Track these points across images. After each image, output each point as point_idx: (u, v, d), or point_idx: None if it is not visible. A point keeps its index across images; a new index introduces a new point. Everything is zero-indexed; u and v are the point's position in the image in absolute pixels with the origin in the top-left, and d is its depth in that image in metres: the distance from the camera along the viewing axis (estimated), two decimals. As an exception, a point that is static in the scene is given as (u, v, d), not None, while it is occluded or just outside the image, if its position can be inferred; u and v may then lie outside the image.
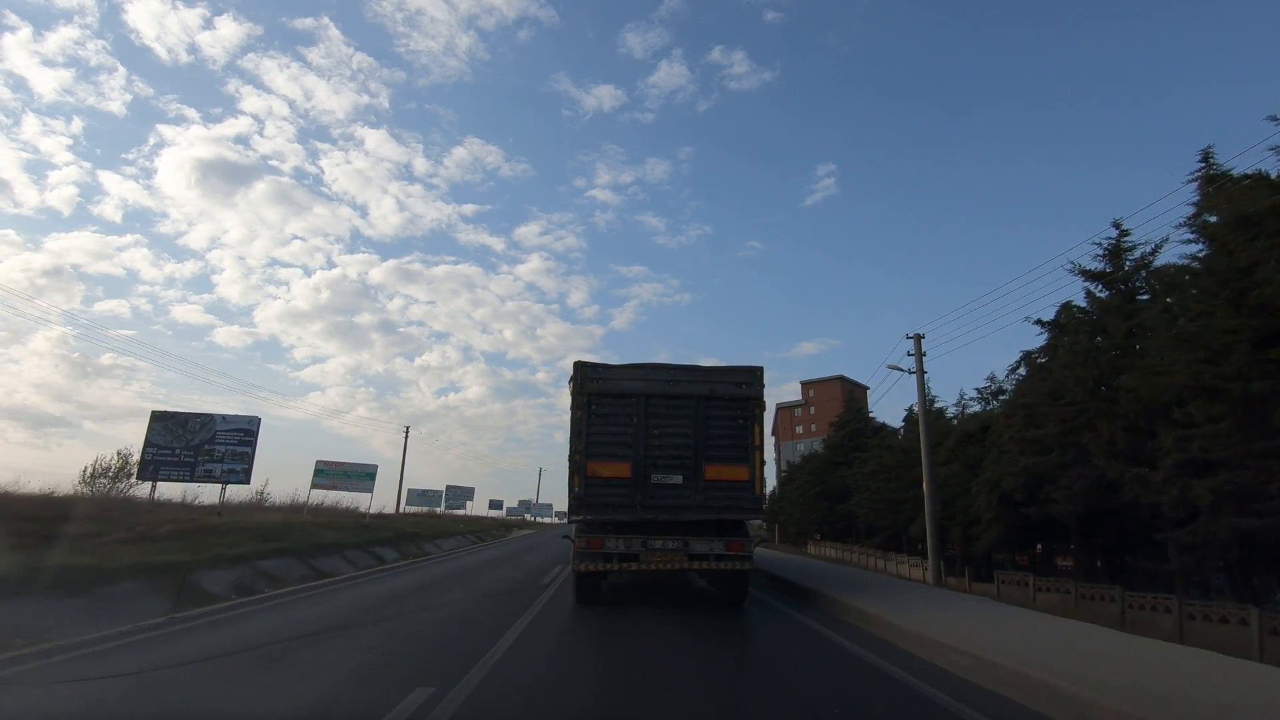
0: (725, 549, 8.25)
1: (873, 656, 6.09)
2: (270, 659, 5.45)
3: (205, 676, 4.94)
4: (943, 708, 4.50)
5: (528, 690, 4.66)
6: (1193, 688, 4.56)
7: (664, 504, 8.22)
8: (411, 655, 5.76)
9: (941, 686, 5.01)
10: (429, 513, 41.46)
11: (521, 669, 5.20)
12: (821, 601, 9.70)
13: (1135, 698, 4.11)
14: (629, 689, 5.00)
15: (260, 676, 4.90)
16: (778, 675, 5.51)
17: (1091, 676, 4.71)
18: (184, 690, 4.60)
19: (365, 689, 4.53)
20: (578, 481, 8.22)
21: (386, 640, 6.46)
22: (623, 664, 5.78)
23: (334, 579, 11.94)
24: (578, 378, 8.48)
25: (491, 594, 10.08)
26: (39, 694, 4.46)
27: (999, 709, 4.49)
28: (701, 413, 8.45)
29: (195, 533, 12.37)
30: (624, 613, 8.35)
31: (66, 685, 4.64)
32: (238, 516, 16.52)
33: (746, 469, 8.37)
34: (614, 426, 8.35)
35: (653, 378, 8.58)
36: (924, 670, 5.56)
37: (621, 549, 8.13)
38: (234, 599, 8.84)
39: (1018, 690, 4.75)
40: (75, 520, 11.11)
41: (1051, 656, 5.47)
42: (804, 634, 7.46)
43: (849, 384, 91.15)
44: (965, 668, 5.44)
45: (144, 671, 4.96)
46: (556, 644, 6.47)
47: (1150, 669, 5.18)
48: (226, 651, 5.70)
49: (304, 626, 6.99)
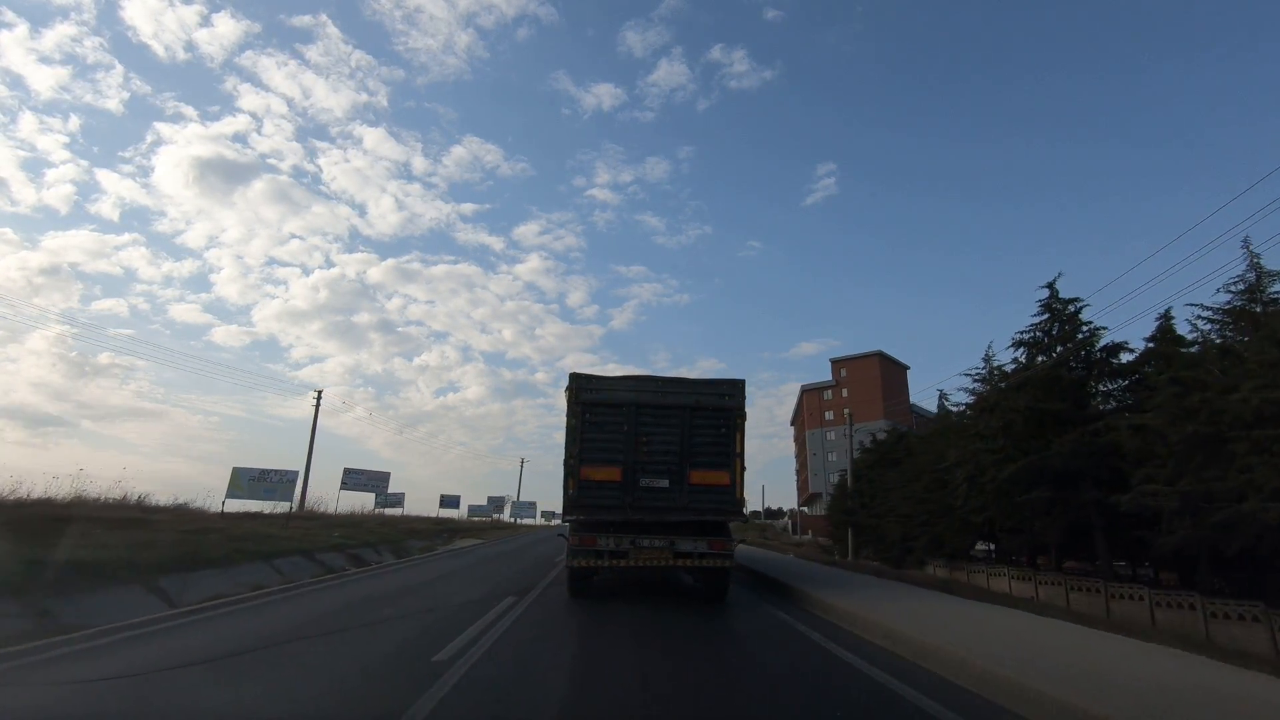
0: (708, 548, 8.79)
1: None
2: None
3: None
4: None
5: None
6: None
7: (651, 505, 8.77)
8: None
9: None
10: (351, 513, 30.21)
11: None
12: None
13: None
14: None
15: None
16: None
17: None
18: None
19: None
20: (572, 484, 8.77)
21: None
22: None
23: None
24: (573, 388, 9.01)
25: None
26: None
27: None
28: (687, 422, 8.98)
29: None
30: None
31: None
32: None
33: (728, 474, 8.92)
34: (606, 434, 8.91)
35: (643, 389, 9.09)
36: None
37: (612, 546, 8.68)
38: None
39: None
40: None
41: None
42: None
43: (887, 362, 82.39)
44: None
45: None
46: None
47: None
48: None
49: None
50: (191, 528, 13.68)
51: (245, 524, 17.33)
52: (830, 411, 79.79)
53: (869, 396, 77.56)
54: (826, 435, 77.29)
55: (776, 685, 5.07)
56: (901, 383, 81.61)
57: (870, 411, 76.38)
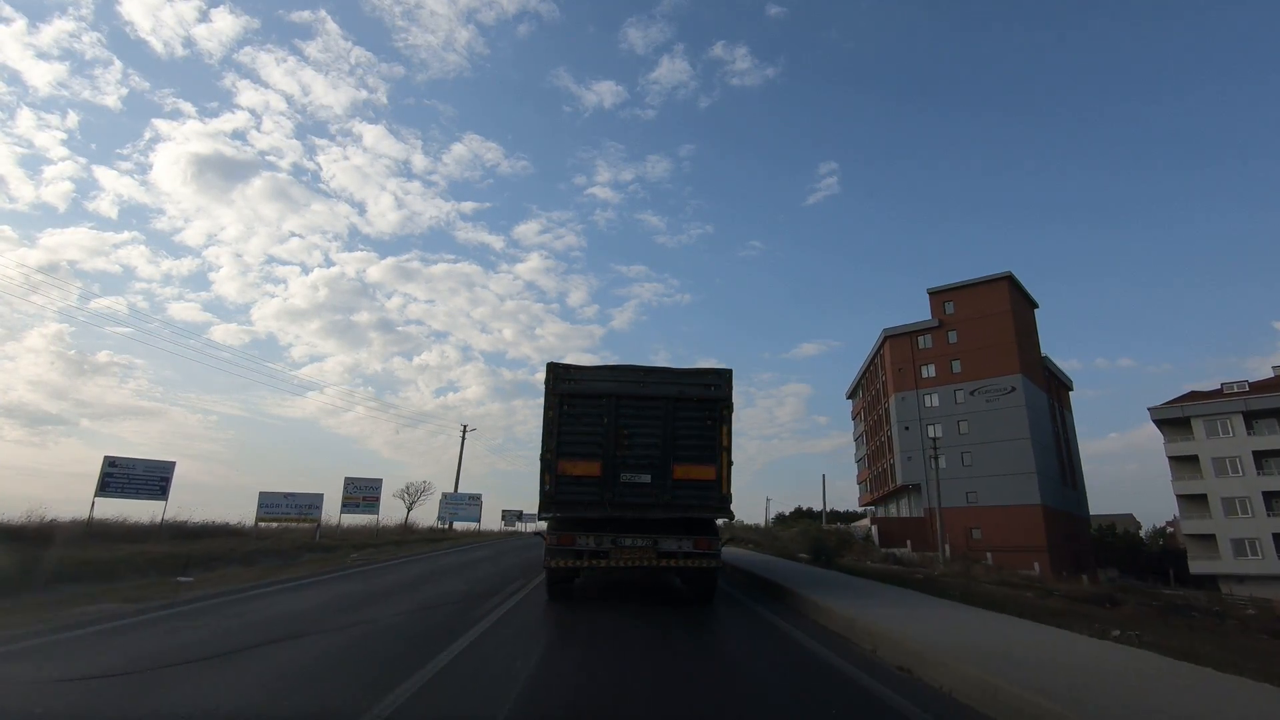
0: (693, 547, 8.52)
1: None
2: None
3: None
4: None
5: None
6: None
7: (632, 502, 8.46)
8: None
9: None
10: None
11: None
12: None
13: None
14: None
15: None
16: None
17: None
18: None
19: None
20: (549, 479, 8.40)
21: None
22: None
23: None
24: (550, 379, 8.71)
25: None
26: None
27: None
28: (670, 414, 8.70)
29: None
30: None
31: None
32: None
33: (714, 469, 8.61)
34: (585, 426, 8.60)
35: (623, 379, 8.81)
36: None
37: (592, 546, 8.42)
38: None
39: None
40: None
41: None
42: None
43: (1018, 291, 58.22)
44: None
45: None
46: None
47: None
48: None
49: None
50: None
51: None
52: (931, 365, 59.75)
53: (992, 341, 56.81)
54: (926, 399, 59.12)
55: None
56: (1030, 326, 58.71)
57: (991, 362, 56.45)
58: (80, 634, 6.12)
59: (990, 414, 54.25)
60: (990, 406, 54.77)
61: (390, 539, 24.37)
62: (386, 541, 22.78)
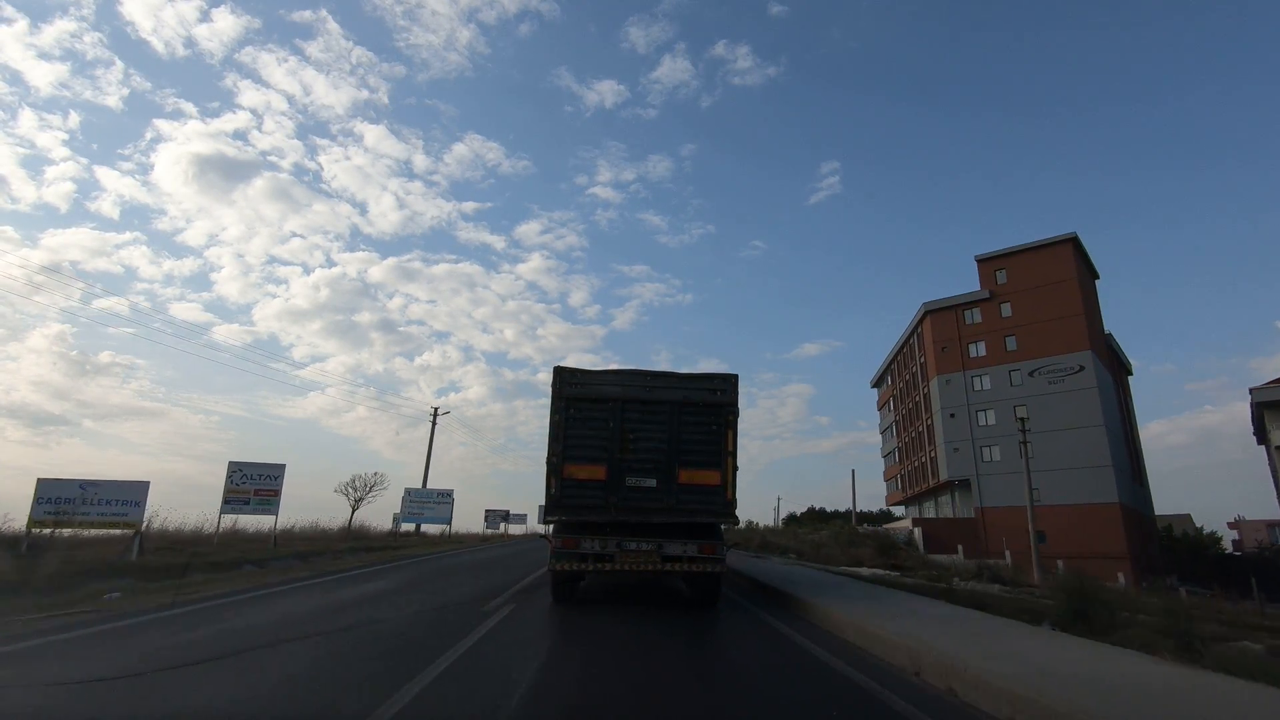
0: (698, 551, 8.52)
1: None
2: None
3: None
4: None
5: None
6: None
7: (637, 506, 8.50)
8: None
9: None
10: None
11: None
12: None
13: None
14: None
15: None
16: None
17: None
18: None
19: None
20: (554, 483, 8.48)
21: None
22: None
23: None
24: (556, 383, 8.78)
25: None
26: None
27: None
28: (676, 418, 8.73)
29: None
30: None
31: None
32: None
33: (719, 473, 8.63)
34: (590, 430, 8.65)
35: (629, 383, 8.86)
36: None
37: (597, 549, 8.43)
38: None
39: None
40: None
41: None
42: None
43: (1082, 258, 50.22)
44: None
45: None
46: None
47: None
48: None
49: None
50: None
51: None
52: (981, 343, 51.91)
53: (1055, 313, 48.95)
54: (976, 381, 51.35)
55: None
56: (1094, 298, 50.81)
57: (1054, 338, 48.40)
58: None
59: (1054, 398, 46.76)
60: (1054, 389, 47.17)
61: (288, 551, 16.94)
62: (266, 556, 15.32)
